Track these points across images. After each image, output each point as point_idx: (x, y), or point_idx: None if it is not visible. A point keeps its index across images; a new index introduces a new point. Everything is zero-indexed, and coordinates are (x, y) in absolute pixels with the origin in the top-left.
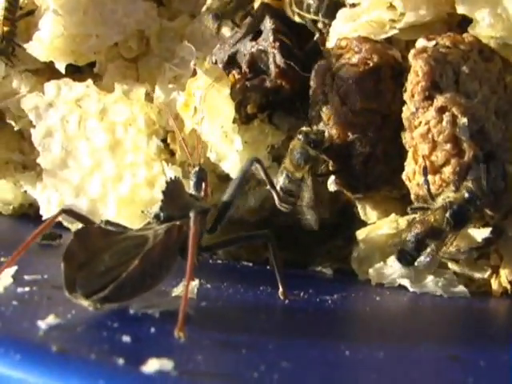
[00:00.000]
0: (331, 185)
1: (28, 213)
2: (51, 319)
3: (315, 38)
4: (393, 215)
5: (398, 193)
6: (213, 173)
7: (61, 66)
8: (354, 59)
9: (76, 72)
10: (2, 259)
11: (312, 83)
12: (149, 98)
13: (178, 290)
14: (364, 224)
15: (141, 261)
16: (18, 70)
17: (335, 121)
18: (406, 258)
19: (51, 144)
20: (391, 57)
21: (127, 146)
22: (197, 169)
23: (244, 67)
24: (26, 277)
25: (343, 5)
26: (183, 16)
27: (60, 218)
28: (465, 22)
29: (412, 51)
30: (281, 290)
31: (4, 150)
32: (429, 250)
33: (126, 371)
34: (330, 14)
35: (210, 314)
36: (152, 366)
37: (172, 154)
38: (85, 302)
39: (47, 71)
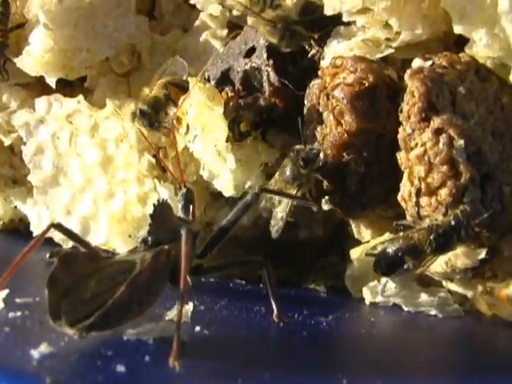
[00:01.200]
0: (325, 204)
1: (18, 228)
2: (44, 348)
3: (310, 55)
4: (387, 234)
5: (392, 212)
6: (206, 190)
7: (51, 81)
8: (349, 79)
9: (66, 86)
10: None
11: (306, 102)
12: None
13: (171, 314)
14: (358, 242)
15: (128, 287)
16: (8, 84)
17: (330, 141)
18: (381, 267)
19: (42, 161)
20: (387, 76)
21: (119, 163)
22: (184, 190)
23: (237, 85)
24: (18, 300)
25: (338, 23)
26: (175, 30)
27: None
28: (461, 41)
29: (408, 71)
30: (275, 312)
31: None
32: (405, 266)
33: None
34: (324, 32)
35: (205, 340)
36: None
37: (164, 170)
38: (69, 331)
39: (37, 85)
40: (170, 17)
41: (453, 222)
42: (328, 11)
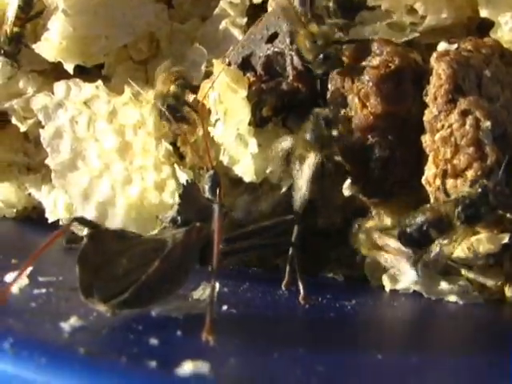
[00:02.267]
0: (346, 190)
1: (31, 216)
2: (74, 321)
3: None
4: None
5: (414, 197)
6: (225, 176)
7: (69, 67)
8: (375, 61)
9: (83, 73)
10: (13, 261)
11: (330, 86)
12: None
13: (197, 294)
14: None
15: (161, 262)
16: (25, 70)
17: (355, 123)
18: (407, 238)
19: (60, 145)
20: (412, 60)
21: (136, 149)
22: (211, 172)
23: (259, 70)
24: (41, 278)
25: (362, 7)
26: (194, 19)
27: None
28: (483, 26)
29: (434, 54)
30: (302, 294)
31: (7, 151)
32: (436, 243)
33: (160, 374)
34: (350, 16)
35: (234, 318)
36: (187, 368)
37: (181, 157)
38: (102, 307)
39: (54, 72)
40: (188, 5)
41: (480, 190)
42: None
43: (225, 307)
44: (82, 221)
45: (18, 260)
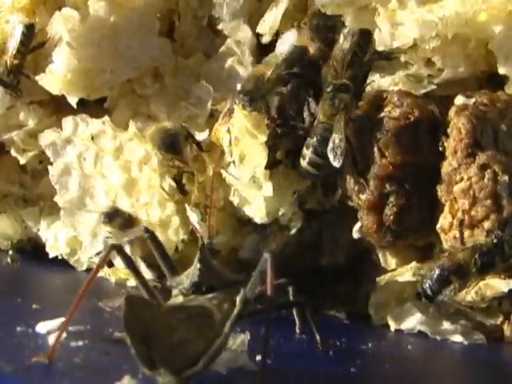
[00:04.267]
0: (356, 233)
1: (25, 248)
2: (128, 381)
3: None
4: (414, 263)
5: (422, 241)
6: (232, 216)
7: (73, 101)
8: (395, 113)
9: (83, 106)
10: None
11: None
12: None
13: (232, 343)
14: (377, 270)
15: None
16: (24, 101)
17: (374, 172)
18: (427, 289)
19: (68, 182)
20: (430, 111)
21: (142, 186)
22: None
23: (272, 112)
24: (71, 328)
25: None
26: (198, 54)
27: None
28: (492, 79)
29: (454, 108)
30: (319, 340)
31: (3, 182)
32: (451, 287)
33: None
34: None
35: (272, 369)
36: None
37: (184, 194)
38: (172, 379)
39: (53, 104)
40: (192, 41)
41: (495, 240)
42: (380, 47)
43: (258, 357)
44: (120, 251)
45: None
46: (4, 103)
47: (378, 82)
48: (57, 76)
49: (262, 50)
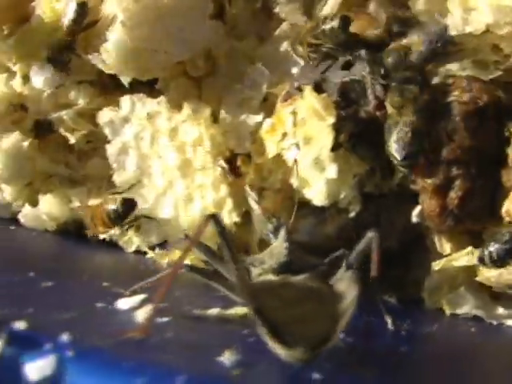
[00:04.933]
0: (415, 216)
1: (69, 229)
2: (229, 355)
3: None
4: (470, 248)
5: (480, 227)
6: (290, 199)
7: (125, 80)
8: (465, 97)
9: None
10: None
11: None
12: (213, 118)
13: None
14: (428, 255)
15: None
16: (73, 80)
17: (443, 156)
18: (493, 254)
19: (126, 161)
20: (497, 97)
21: (196, 167)
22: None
23: (335, 96)
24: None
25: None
26: (251, 37)
27: None
28: None
29: None
30: (390, 321)
31: (49, 162)
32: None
33: None
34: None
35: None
36: None
37: (237, 176)
38: (305, 356)
39: (98, 84)
40: (244, 24)
41: None
42: (452, 31)
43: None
44: (216, 220)
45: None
46: (54, 82)
47: (445, 68)
48: (111, 55)
49: None
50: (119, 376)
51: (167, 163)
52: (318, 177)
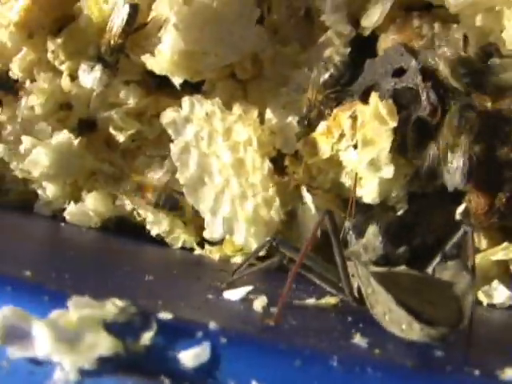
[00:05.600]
0: (459, 214)
1: (108, 226)
2: (360, 338)
3: None
4: (505, 243)
5: None
6: (337, 197)
7: (177, 81)
8: None
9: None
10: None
11: None
12: (260, 119)
13: None
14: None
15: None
16: (120, 80)
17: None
18: None
19: (189, 160)
20: None
21: (248, 166)
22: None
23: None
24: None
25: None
26: (294, 43)
27: None
28: None
29: None
30: None
31: (92, 160)
32: None
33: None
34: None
35: None
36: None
37: (283, 175)
38: (445, 334)
39: (143, 84)
40: (288, 30)
41: None
42: (509, 46)
43: None
44: (331, 217)
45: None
46: (102, 81)
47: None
48: (164, 57)
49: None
50: (277, 358)
51: (223, 162)
52: (372, 176)
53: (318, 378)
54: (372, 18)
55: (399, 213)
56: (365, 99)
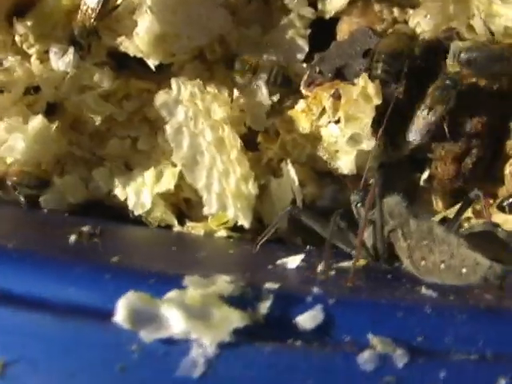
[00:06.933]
0: (424, 181)
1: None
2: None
3: None
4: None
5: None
6: (311, 170)
7: (152, 64)
8: (482, 82)
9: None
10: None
11: None
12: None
13: None
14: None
15: None
16: (91, 62)
17: (466, 131)
18: None
19: (182, 140)
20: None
21: (227, 144)
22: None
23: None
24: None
25: None
26: (256, 26)
27: None
28: None
29: None
30: None
31: (65, 144)
32: None
33: None
34: None
35: None
36: None
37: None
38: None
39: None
40: (249, 13)
41: None
42: (479, 32)
43: None
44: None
45: None
46: (75, 64)
47: None
48: (140, 39)
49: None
50: (384, 311)
51: (208, 141)
52: (350, 149)
53: (413, 326)
54: (336, 2)
55: (371, 182)
56: (338, 78)
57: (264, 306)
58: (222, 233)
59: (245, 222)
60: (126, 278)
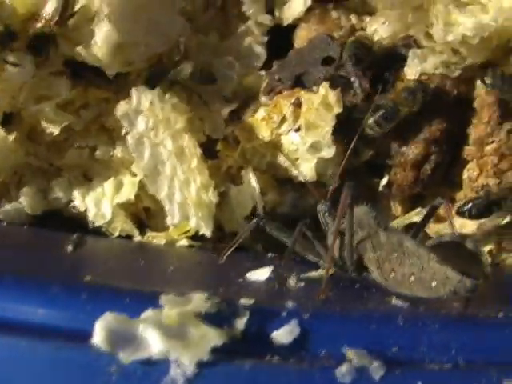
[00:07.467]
0: (383, 186)
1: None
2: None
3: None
4: (419, 209)
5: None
6: (272, 178)
7: (110, 73)
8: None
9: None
10: None
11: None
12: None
13: None
14: None
15: None
16: (47, 71)
17: (424, 137)
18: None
19: (143, 151)
20: (462, 89)
21: (187, 153)
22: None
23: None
24: None
25: None
26: (214, 33)
27: None
28: None
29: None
30: None
31: (14, 154)
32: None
33: None
34: None
35: None
36: None
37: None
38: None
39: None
40: (207, 20)
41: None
42: (438, 40)
43: None
44: None
45: None
46: (32, 73)
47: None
48: (101, 49)
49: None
50: (357, 323)
51: (168, 150)
52: (311, 157)
53: (387, 337)
54: (294, 10)
55: (331, 188)
56: (297, 86)
57: (241, 323)
58: (184, 242)
59: (207, 231)
60: (102, 298)
